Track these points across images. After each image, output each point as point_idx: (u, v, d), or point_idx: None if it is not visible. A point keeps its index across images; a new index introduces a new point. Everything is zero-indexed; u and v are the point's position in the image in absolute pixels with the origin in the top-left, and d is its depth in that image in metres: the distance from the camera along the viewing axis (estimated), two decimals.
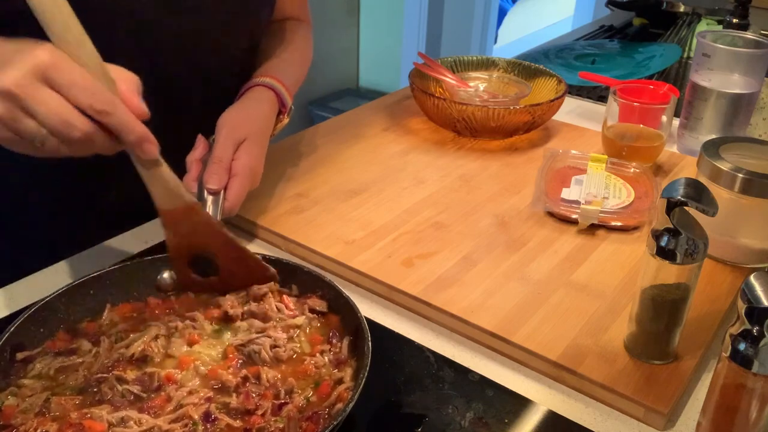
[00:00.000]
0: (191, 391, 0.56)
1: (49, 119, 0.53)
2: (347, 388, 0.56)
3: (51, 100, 0.53)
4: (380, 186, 0.90)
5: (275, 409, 0.55)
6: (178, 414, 0.54)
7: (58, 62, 0.53)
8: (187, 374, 0.58)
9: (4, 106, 0.53)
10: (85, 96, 0.53)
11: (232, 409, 0.55)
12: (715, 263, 0.76)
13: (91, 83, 0.54)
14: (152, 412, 0.54)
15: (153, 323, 0.63)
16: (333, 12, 2.94)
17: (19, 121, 0.53)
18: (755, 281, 0.48)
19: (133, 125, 0.56)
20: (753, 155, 0.76)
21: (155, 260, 0.68)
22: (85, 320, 0.64)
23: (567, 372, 0.62)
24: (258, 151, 0.80)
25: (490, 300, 0.69)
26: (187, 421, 0.53)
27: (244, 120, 0.81)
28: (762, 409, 0.50)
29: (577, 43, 1.65)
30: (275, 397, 0.56)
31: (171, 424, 0.53)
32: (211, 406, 0.55)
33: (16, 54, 0.54)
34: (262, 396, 0.56)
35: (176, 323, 0.63)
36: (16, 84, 0.52)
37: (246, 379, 0.58)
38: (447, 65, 1.17)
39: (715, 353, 0.66)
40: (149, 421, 0.53)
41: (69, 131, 0.53)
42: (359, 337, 0.59)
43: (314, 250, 0.77)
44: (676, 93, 1.01)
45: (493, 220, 0.84)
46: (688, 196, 0.55)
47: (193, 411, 0.54)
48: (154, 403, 0.55)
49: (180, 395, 0.55)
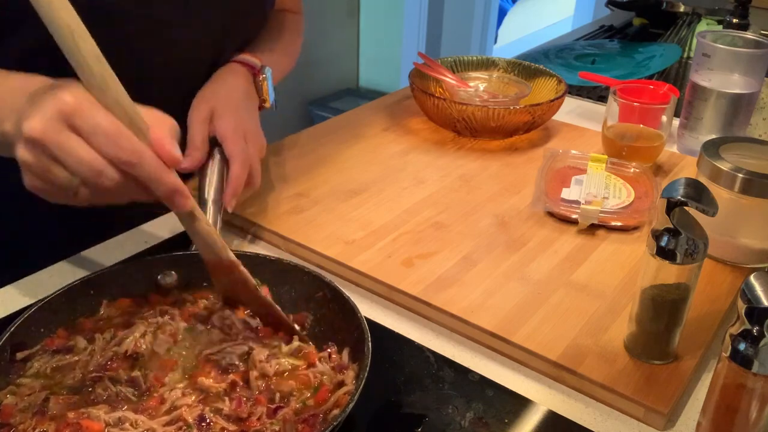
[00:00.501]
0: (184, 393, 0.56)
1: (79, 168, 0.50)
2: (347, 392, 0.56)
3: (80, 148, 0.50)
4: (380, 186, 0.90)
5: (270, 413, 0.55)
6: (172, 416, 0.54)
7: (82, 106, 0.50)
8: (174, 375, 0.58)
9: (33, 155, 0.51)
10: (109, 145, 0.50)
11: (225, 415, 0.55)
12: (715, 263, 0.76)
13: (115, 130, 0.50)
14: (148, 413, 0.54)
15: (139, 319, 0.63)
16: (333, 12, 2.94)
17: (49, 170, 0.51)
18: (755, 281, 0.48)
19: (161, 177, 0.52)
20: (753, 155, 0.76)
21: (155, 260, 0.68)
22: (82, 317, 0.64)
23: (567, 372, 0.62)
24: (230, 118, 0.77)
25: (490, 300, 0.69)
26: (181, 424, 0.53)
27: (210, 93, 0.80)
28: (762, 409, 0.50)
29: (577, 43, 1.65)
30: (269, 401, 0.56)
31: (165, 427, 0.53)
32: (205, 409, 0.55)
33: (41, 98, 0.51)
34: (255, 401, 0.56)
35: (158, 318, 0.63)
36: (43, 131, 0.50)
37: (234, 384, 0.57)
38: (447, 65, 1.17)
39: (715, 353, 0.66)
40: (145, 422, 0.53)
41: (99, 180, 0.51)
42: (359, 338, 0.59)
43: (314, 250, 0.77)
44: (676, 93, 1.01)
45: (493, 220, 0.84)
46: (688, 196, 0.55)
47: (187, 414, 0.54)
48: (149, 404, 0.55)
49: (174, 396, 0.56)
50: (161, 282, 0.68)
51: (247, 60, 0.86)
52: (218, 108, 0.78)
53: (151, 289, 0.67)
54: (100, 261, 0.77)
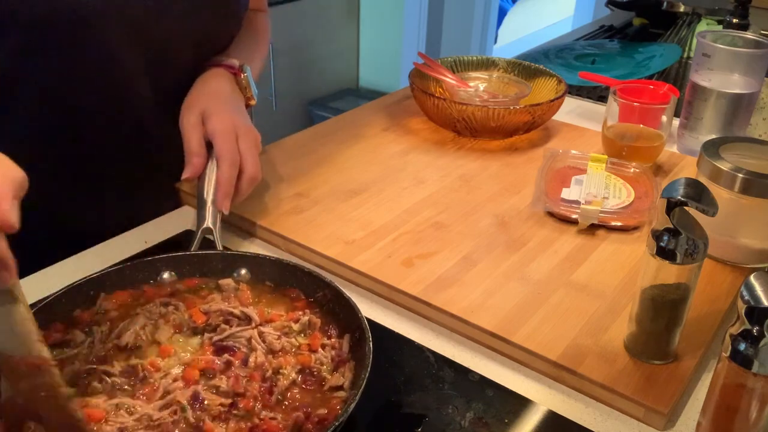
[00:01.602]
0: (176, 378, 0.57)
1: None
2: (343, 399, 0.56)
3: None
4: (380, 186, 0.90)
5: (265, 392, 0.56)
6: (166, 401, 0.54)
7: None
8: (169, 361, 0.59)
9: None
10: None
11: (222, 392, 0.56)
12: (715, 263, 0.76)
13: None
14: (144, 399, 0.55)
15: (140, 311, 0.63)
16: (333, 12, 2.94)
17: None
18: (755, 281, 0.48)
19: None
20: (753, 155, 0.76)
21: (155, 260, 0.68)
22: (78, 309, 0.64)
23: (567, 372, 0.62)
24: (219, 117, 0.78)
25: (490, 300, 0.69)
26: (175, 407, 0.54)
27: (196, 98, 0.81)
28: (762, 409, 0.50)
29: (577, 43, 1.65)
30: (262, 379, 0.57)
31: (160, 411, 0.54)
32: (198, 387, 0.55)
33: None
34: (249, 377, 0.57)
35: (160, 309, 0.64)
36: None
37: (229, 364, 0.58)
38: (447, 65, 1.17)
39: (715, 353, 0.66)
40: (142, 408, 0.54)
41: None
42: (360, 338, 0.59)
43: (314, 250, 0.77)
44: (676, 93, 1.01)
45: (493, 220, 0.84)
46: (688, 196, 0.55)
47: (180, 396, 0.54)
48: (144, 391, 0.56)
49: (166, 383, 0.56)
50: (161, 282, 0.68)
51: (225, 62, 0.87)
52: (207, 109, 0.79)
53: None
54: (100, 261, 0.77)
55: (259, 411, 0.55)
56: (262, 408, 0.55)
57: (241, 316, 0.63)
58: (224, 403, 0.54)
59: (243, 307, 0.64)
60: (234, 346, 0.60)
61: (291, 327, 0.63)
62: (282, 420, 0.54)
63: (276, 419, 0.54)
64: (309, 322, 0.63)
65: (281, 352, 0.60)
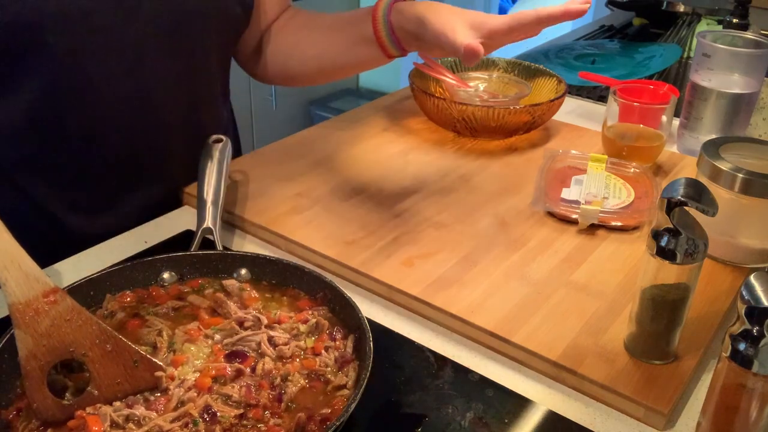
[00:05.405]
0: (189, 387, 0.56)
1: None
2: (346, 397, 0.56)
3: None
4: (380, 186, 0.90)
5: (274, 399, 0.55)
6: (179, 412, 0.54)
7: None
8: (183, 369, 0.58)
9: None
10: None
11: (234, 401, 0.55)
12: (715, 263, 0.77)
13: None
14: (158, 410, 0.55)
15: (150, 318, 0.63)
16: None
17: None
18: (755, 281, 0.48)
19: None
20: (753, 155, 0.76)
21: (155, 260, 0.68)
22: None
23: (567, 372, 0.62)
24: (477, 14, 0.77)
25: (490, 300, 0.69)
26: (187, 419, 0.53)
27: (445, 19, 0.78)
28: (762, 409, 0.50)
29: (577, 43, 1.65)
30: (271, 387, 0.56)
31: (172, 424, 0.53)
32: (211, 399, 0.55)
33: None
34: (258, 386, 0.56)
35: (171, 313, 0.64)
36: None
37: (240, 372, 0.58)
38: (447, 65, 1.17)
39: (715, 353, 0.66)
40: (152, 419, 0.53)
41: None
42: (360, 338, 0.59)
43: (314, 250, 0.77)
44: (676, 93, 1.01)
45: (493, 220, 0.84)
46: (688, 196, 0.55)
47: (193, 409, 0.54)
48: (160, 400, 0.56)
49: (179, 392, 0.56)
50: (161, 282, 0.68)
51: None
52: (462, 18, 0.76)
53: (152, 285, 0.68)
54: (100, 261, 0.77)
55: (268, 419, 0.54)
56: (271, 416, 0.55)
57: (252, 319, 0.63)
58: (236, 415, 0.54)
59: (253, 310, 0.64)
60: (244, 351, 0.60)
61: (299, 329, 0.62)
62: (285, 423, 0.54)
63: (280, 424, 0.54)
64: (317, 324, 0.63)
65: (291, 358, 0.60)
